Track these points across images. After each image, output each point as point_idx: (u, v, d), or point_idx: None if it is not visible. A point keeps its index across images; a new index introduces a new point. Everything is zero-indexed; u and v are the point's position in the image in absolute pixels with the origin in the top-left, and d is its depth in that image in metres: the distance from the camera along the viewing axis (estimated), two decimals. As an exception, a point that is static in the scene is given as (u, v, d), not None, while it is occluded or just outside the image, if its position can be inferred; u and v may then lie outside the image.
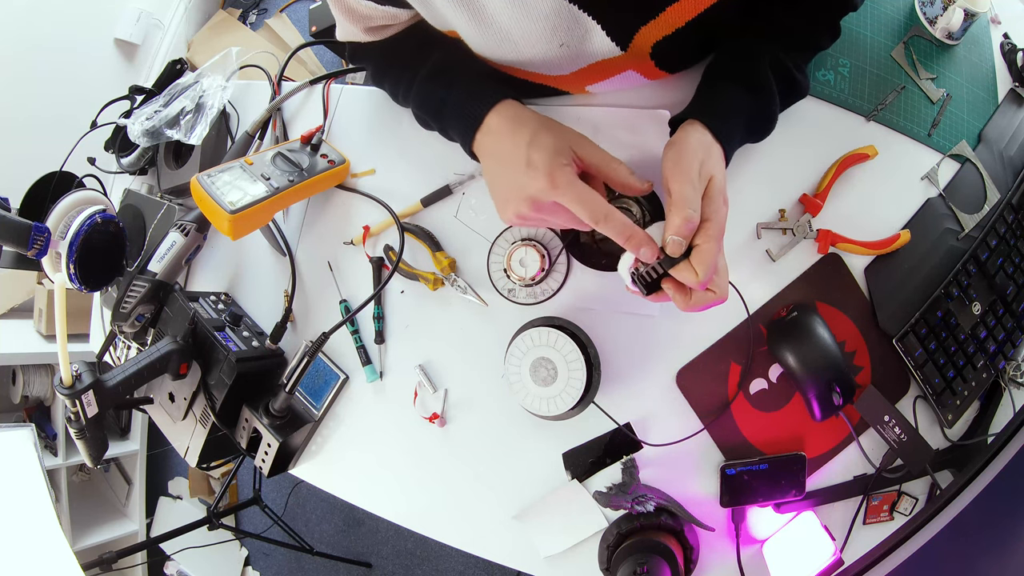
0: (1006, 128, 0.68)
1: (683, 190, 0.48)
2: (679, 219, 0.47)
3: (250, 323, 0.80)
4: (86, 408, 0.65)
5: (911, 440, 0.58)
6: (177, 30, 2.14)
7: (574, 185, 0.49)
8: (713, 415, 0.63)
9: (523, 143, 0.51)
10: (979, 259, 0.63)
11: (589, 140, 0.52)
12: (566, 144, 0.51)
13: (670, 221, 0.48)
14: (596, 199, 0.49)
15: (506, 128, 0.53)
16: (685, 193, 0.48)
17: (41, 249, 0.70)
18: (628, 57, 0.55)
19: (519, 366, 0.63)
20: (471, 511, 0.70)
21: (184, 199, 0.88)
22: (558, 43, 0.53)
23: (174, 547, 1.73)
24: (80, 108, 1.05)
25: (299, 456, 0.77)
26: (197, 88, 0.85)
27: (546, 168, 0.49)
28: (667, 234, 0.48)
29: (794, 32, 0.56)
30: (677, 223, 0.47)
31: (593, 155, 0.52)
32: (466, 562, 1.68)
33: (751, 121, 0.56)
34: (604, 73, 0.59)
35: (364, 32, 0.60)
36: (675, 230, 0.47)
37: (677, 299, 0.50)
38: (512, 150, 0.51)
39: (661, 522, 0.60)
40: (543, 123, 0.53)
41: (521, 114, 0.54)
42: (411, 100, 0.63)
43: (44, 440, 1.77)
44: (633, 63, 0.58)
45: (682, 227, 0.47)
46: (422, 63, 0.61)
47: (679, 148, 0.51)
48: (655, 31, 0.51)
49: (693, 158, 0.49)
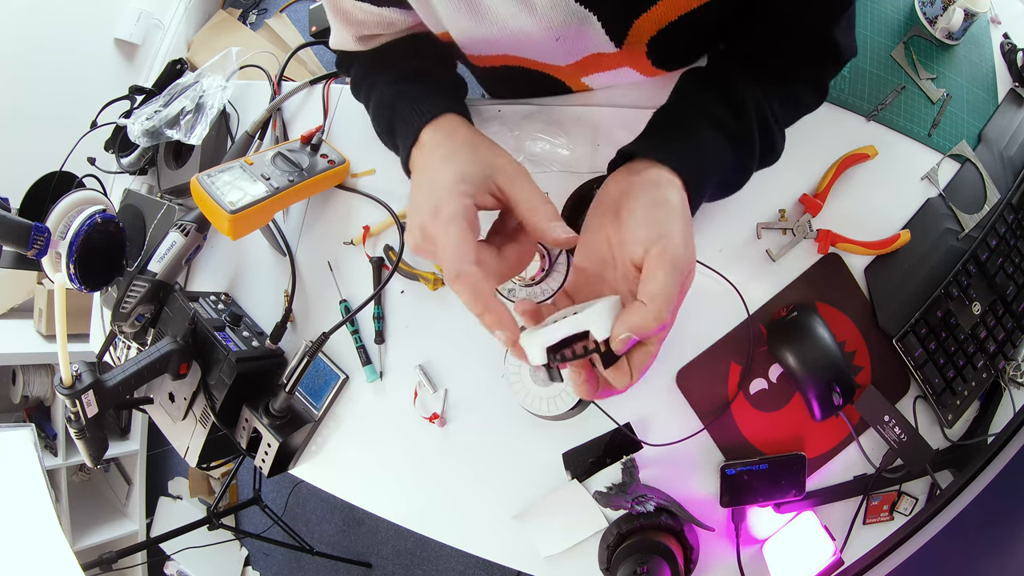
0: (1006, 128, 0.68)
1: (669, 283, 0.38)
2: (651, 318, 0.37)
3: (250, 323, 0.80)
4: (86, 408, 0.65)
5: (911, 440, 0.58)
6: (177, 30, 2.14)
7: (453, 223, 0.41)
8: (713, 415, 0.63)
9: (439, 159, 0.46)
10: (979, 259, 0.63)
11: (523, 174, 0.44)
12: (484, 172, 0.44)
13: (637, 313, 0.37)
14: (460, 251, 0.40)
15: (435, 142, 0.48)
16: (670, 287, 0.38)
17: (41, 249, 0.70)
18: (624, 54, 0.55)
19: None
20: (471, 511, 0.70)
21: (184, 199, 0.88)
22: (554, 36, 0.53)
23: (174, 547, 1.73)
24: (80, 108, 1.05)
25: (299, 456, 0.77)
26: (197, 88, 0.85)
27: (441, 192, 0.42)
28: (622, 327, 0.37)
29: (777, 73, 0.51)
30: (647, 321, 0.37)
31: (518, 191, 0.44)
32: (466, 562, 1.68)
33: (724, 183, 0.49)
34: (600, 66, 0.59)
35: (355, 41, 0.59)
36: (639, 328, 0.37)
37: (580, 388, 0.41)
38: (427, 167, 0.47)
39: (661, 522, 0.60)
40: (473, 142, 0.47)
41: (457, 130, 0.48)
42: (370, 111, 0.60)
43: (44, 440, 1.77)
44: (629, 59, 0.57)
45: (649, 328, 0.37)
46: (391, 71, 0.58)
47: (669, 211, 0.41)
48: (649, 24, 0.51)
49: (686, 234, 0.40)
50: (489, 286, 0.40)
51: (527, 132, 0.68)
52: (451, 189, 0.42)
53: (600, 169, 0.65)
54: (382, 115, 0.57)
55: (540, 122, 0.68)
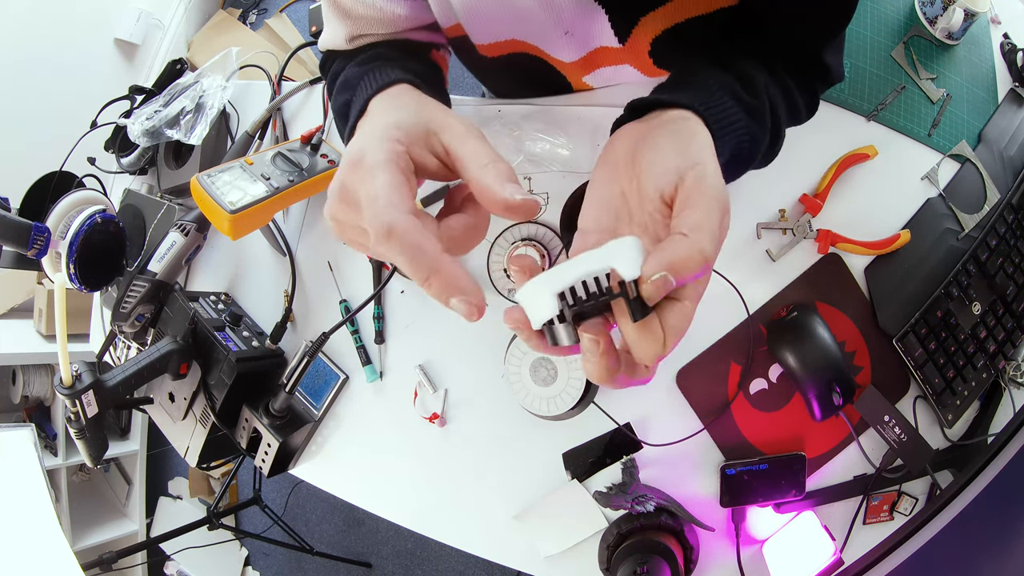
0: (1006, 128, 0.68)
1: (711, 214, 0.31)
2: (696, 251, 0.29)
3: (250, 323, 0.80)
4: (86, 408, 0.65)
5: (911, 440, 0.58)
6: (177, 30, 2.14)
7: (380, 168, 0.32)
8: (713, 415, 0.63)
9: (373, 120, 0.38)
10: (979, 259, 0.63)
11: (476, 134, 0.36)
12: (425, 124, 0.35)
13: (677, 245, 0.30)
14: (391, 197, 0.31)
15: (381, 107, 0.40)
16: (712, 219, 0.31)
17: (41, 249, 0.70)
18: (627, 51, 0.55)
19: (519, 366, 0.63)
20: (471, 511, 0.70)
21: (184, 199, 0.88)
22: (563, 31, 0.53)
23: (174, 547, 1.73)
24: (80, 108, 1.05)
25: (299, 456, 0.77)
26: (197, 88, 0.85)
27: (368, 140, 0.34)
28: (656, 264, 0.29)
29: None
30: (691, 255, 0.29)
31: (468, 148, 0.35)
32: (466, 562, 1.68)
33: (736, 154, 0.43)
34: (603, 62, 0.59)
35: (348, 41, 0.56)
36: (679, 264, 0.29)
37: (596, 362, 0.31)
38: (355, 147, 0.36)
39: (661, 522, 0.60)
40: (422, 100, 0.39)
41: (408, 92, 0.41)
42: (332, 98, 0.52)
43: (44, 440, 1.77)
44: (631, 57, 0.57)
45: (693, 265, 0.29)
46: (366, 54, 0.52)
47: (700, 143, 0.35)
48: (655, 23, 0.51)
49: (720, 171, 0.34)
50: (432, 242, 0.31)
51: (527, 132, 0.68)
52: (380, 135, 0.34)
53: (600, 169, 0.65)
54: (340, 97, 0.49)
55: (540, 122, 0.68)
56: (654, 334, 0.30)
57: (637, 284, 0.29)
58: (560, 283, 0.30)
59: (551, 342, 0.32)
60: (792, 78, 0.48)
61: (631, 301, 0.29)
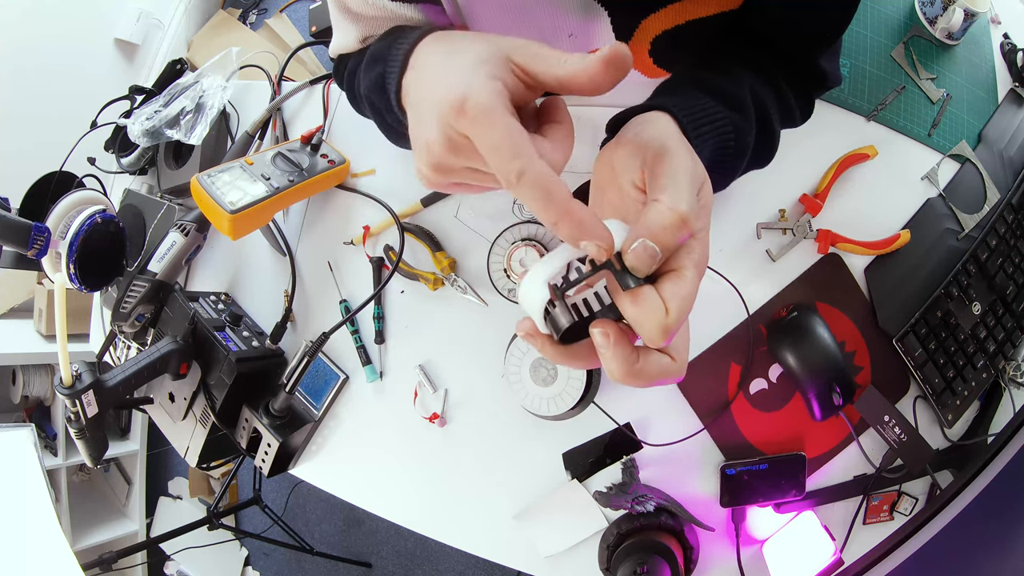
0: (1006, 128, 0.68)
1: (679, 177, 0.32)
2: (669, 213, 0.29)
3: (250, 323, 0.80)
4: (86, 408, 0.65)
5: (911, 440, 0.58)
6: (177, 30, 2.14)
7: (495, 111, 0.30)
8: (713, 415, 0.63)
9: (440, 60, 0.37)
10: (979, 259, 0.63)
11: (537, 43, 0.34)
12: (499, 52, 0.33)
13: (651, 214, 0.30)
14: (517, 141, 0.30)
15: (428, 52, 0.38)
16: (681, 181, 0.31)
17: (41, 249, 0.70)
18: None
19: (519, 366, 0.63)
20: (471, 511, 0.70)
21: (184, 199, 0.88)
22: (568, 33, 0.53)
23: (174, 547, 1.73)
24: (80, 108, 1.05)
25: (299, 456, 0.77)
26: (197, 88, 0.85)
27: (460, 83, 0.31)
28: (635, 236, 0.29)
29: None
30: (663, 216, 0.29)
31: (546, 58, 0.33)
32: (466, 562, 1.68)
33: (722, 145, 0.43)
34: None
35: (360, 43, 0.56)
36: (656, 227, 0.29)
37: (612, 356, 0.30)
38: (431, 76, 0.36)
39: (661, 522, 0.60)
40: (474, 33, 0.38)
41: (452, 34, 0.39)
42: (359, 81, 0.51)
43: (44, 440, 1.77)
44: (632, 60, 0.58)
45: (671, 227, 0.29)
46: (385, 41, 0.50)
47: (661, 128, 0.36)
48: (656, 24, 0.51)
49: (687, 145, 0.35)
50: (561, 186, 0.30)
51: (527, 132, 0.68)
52: (472, 74, 0.32)
53: (600, 169, 0.65)
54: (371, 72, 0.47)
55: (540, 122, 0.68)
56: (651, 303, 0.29)
57: (622, 259, 0.29)
58: (548, 271, 0.31)
59: (553, 330, 0.31)
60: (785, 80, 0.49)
61: (618, 272, 0.29)
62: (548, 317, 0.31)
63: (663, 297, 0.29)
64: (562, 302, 0.31)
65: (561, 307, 0.31)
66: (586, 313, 0.31)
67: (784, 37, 0.48)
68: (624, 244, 0.29)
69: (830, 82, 0.51)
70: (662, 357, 0.31)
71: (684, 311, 0.29)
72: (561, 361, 0.33)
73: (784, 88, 0.49)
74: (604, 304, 0.31)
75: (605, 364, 0.31)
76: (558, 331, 0.31)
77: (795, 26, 0.47)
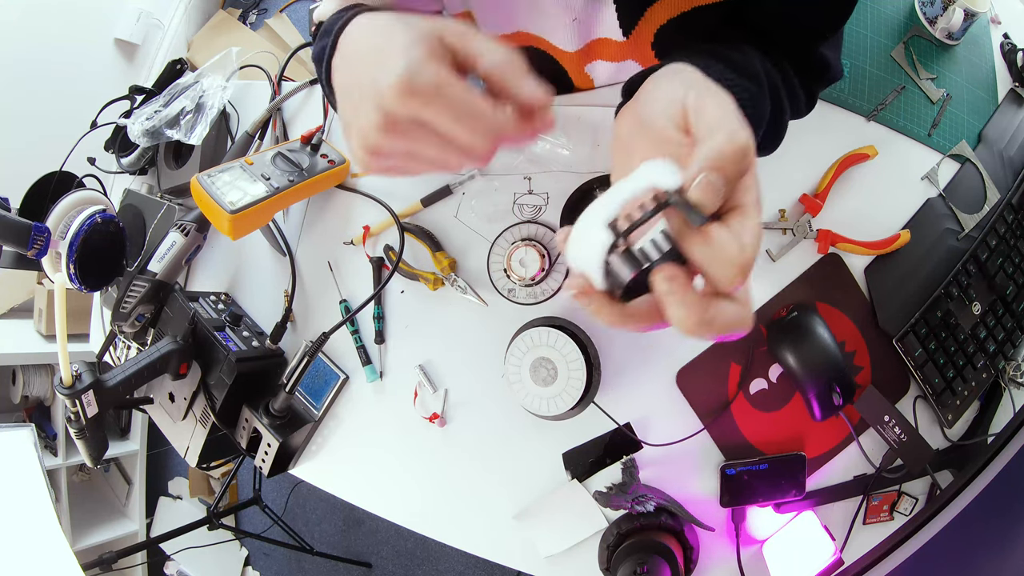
0: (1006, 128, 0.68)
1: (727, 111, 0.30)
2: (729, 142, 0.28)
3: (250, 323, 0.80)
4: (86, 408, 0.65)
5: (911, 440, 0.58)
6: (177, 30, 2.13)
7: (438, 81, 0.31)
8: (713, 415, 0.63)
9: (372, 45, 0.36)
10: (979, 259, 0.63)
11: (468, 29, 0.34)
12: (431, 31, 0.33)
13: (711, 145, 0.28)
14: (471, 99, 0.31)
15: (360, 38, 0.38)
16: (730, 115, 0.30)
17: (41, 249, 0.70)
18: (629, 44, 0.55)
19: (519, 366, 0.63)
20: (471, 511, 0.70)
21: (184, 199, 0.88)
22: (572, 17, 0.53)
23: (174, 547, 1.73)
24: (80, 108, 1.05)
25: (299, 456, 0.77)
26: (197, 88, 0.85)
27: (398, 65, 0.31)
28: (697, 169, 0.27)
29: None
30: (726, 147, 0.28)
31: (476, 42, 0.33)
32: (466, 562, 1.68)
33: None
34: (604, 54, 0.59)
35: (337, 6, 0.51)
36: (719, 160, 0.27)
37: (682, 302, 0.27)
38: (359, 58, 0.37)
39: (661, 522, 0.60)
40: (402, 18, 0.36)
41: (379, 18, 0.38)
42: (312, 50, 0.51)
43: (44, 440, 1.77)
44: (633, 51, 0.57)
45: (733, 156, 0.28)
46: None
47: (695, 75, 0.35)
48: (661, 12, 0.51)
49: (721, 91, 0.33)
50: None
51: (527, 132, 0.68)
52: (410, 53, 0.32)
53: (600, 169, 0.65)
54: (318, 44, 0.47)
55: (540, 122, 0.68)
56: (724, 240, 0.27)
57: (683, 196, 0.27)
58: (606, 213, 0.28)
59: (614, 284, 0.28)
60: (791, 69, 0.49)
61: (685, 207, 0.27)
62: (608, 269, 0.28)
63: (734, 233, 0.28)
64: (625, 249, 0.27)
65: (623, 255, 0.27)
66: (645, 264, 0.27)
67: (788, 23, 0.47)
68: (686, 179, 0.27)
69: (832, 73, 0.50)
70: (730, 303, 0.29)
71: (756, 247, 0.28)
72: (619, 323, 0.30)
73: (790, 72, 0.48)
74: (662, 252, 0.27)
75: (673, 314, 0.27)
76: (619, 284, 0.27)
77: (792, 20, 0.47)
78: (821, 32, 0.48)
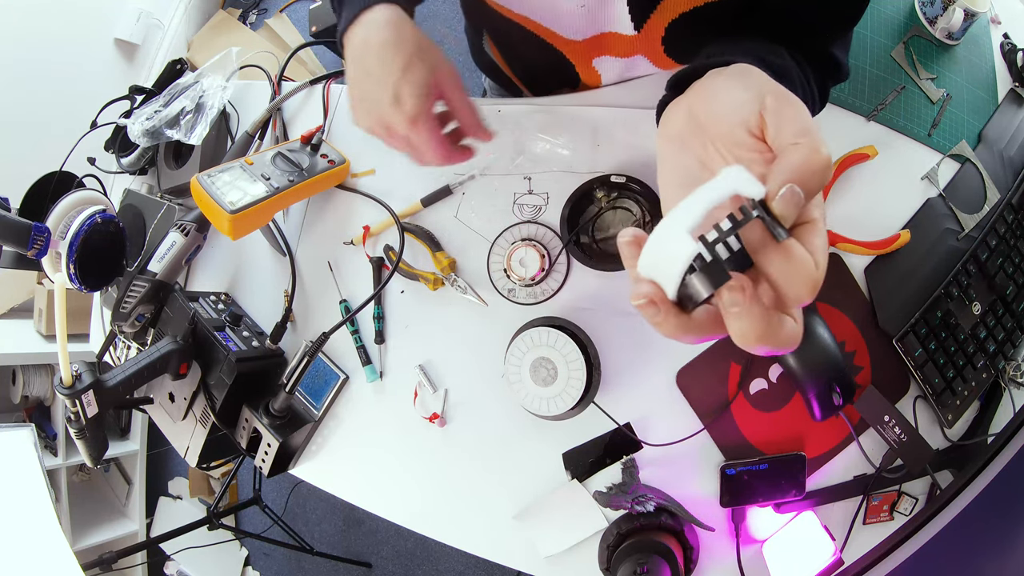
0: (1006, 128, 0.68)
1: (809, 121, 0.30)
2: (815, 155, 0.27)
3: (250, 323, 0.80)
4: (86, 408, 0.65)
5: (911, 440, 0.58)
6: (177, 30, 2.13)
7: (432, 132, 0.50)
8: (713, 415, 0.63)
9: (397, 68, 0.49)
10: (979, 259, 0.63)
11: (457, 79, 0.52)
12: (435, 82, 0.50)
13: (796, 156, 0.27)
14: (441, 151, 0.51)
15: (382, 38, 0.50)
16: (813, 125, 0.29)
17: (41, 249, 0.70)
18: (640, 39, 0.55)
19: (519, 366, 0.63)
20: (471, 511, 0.70)
21: (184, 199, 0.88)
22: (580, 3, 0.53)
23: (174, 547, 1.73)
24: (80, 108, 1.04)
25: (299, 456, 0.77)
26: (197, 88, 0.85)
27: (412, 110, 0.49)
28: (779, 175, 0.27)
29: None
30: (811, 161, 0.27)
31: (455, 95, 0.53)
32: (466, 562, 1.68)
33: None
34: (614, 49, 0.59)
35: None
36: (804, 173, 0.27)
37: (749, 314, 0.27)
38: (382, 71, 0.49)
39: (661, 522, 0.60)
40: (420, 46, 0.50)
41: (403, 28, 0.50)
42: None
43: (44, 440, 1.77)
44: (644, 46, 0.57)
45: (819, 170, 0.27)
46: None
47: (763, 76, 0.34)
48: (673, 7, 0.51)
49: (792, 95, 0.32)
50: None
51: (527, 132, 0.68)
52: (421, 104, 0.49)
53: (600, 169, 0.65)
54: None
55: (540, 122, 0.68)
56: (802, 256, 0.27)
57: (766, 207, 0.26)
58: (691, 219, 0.26)
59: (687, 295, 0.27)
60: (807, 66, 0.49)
61: (771, 220, 0.26)
62: (686, 280, 0.27)
63: (809, 249, 0.27)
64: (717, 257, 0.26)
65: (708, 267, 0.26)
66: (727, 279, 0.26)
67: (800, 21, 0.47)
68: (771, 190, 0.26)
69: (842, 73, 0.50)
70: (789, 319, 0.28)
71: (826, 264, 0.28)
72: (682, 334, 0.29)
73: (807, 69, 0.48)
74: (742, 265, 0.27)
75: (737, 326, 0.27)
76: (698, 296, 0.27)
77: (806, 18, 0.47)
78: (833, 31, 0.48)
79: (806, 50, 0.47)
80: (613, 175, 0.63)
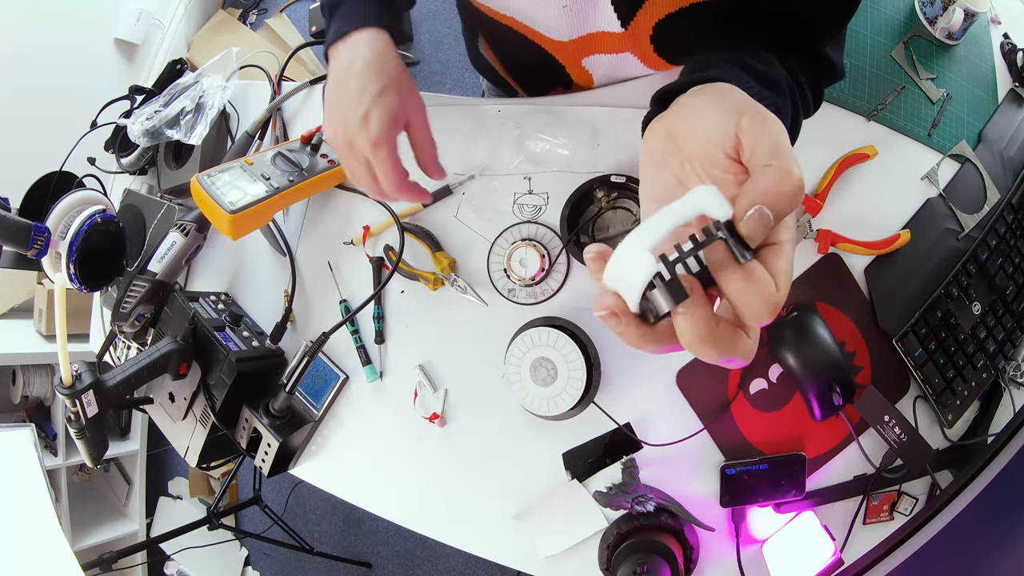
0: (1006, 128, 0.68)
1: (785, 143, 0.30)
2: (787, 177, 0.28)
3: (250, 323, 0.80)
4: (86, 408, 0.65)
5: (911, 440, 0.58)
6: (177, 30, 2.13)
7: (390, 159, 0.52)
8: (713, 415, 0.63)
9: (372, 92, 0.52)
10: (979, 259, 0.63)
11: (424, 116, 0.56)
12: (404, 114, 0.53)
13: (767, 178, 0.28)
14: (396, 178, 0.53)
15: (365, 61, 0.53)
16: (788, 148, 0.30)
17: (41, 249, 0.70)
18: (627, 36, 0.55)
19: (519, 366, 0.63)
20: (471, 511, 0.70)
21: (184, 199, 0.88)
22: (561, 4, 0.53)
23: (174, 547, 1.73)
24: (80, 108, 1.04)
25: (299, 456, 0.77)
26: (197, 88, 0.85)
27: (377, 133, 0.52)
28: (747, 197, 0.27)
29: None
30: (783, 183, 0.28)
31: (420, 131, 0.56)
32: (466, 562, 1.68)
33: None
34: (602, 47, 0.59)
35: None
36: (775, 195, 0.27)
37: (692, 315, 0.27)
38: (358, 91, 0.52)
39: (661, 522, 0.60)
40: (398, 78, 0.53)
41: (386, 55, 0.53)
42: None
43: (44, 440, 1.77)
44: (631, 43, 0.57)
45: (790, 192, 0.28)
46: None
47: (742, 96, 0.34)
48: (659, 6, 0.50)
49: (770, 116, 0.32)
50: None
51: (527, 132, 0.68)
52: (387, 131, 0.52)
53: (600, 169, 0.65)
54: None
55: (540, 122, 0.68)
56: (762, 279, 0.27)
57: (732, 228, 0.27)
58: (654, 237, 0.27)
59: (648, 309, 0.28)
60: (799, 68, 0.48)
61: (732, 242, 0.26)
62: (647, 296, 0.27)
63: (772, 271, 0.27)
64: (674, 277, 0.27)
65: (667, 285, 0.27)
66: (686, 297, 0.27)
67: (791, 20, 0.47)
68: (738, 210, 0.27)
69: (836, 73, 0.50)
70: (744, 335, 0.28)
71: (788, 287, 0.28)
72: (644, 344, 0.30)
73: (799, 75, 0.48)
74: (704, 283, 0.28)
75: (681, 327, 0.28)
76: (658, 311, 0.27)
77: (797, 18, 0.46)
78: (825, 30, 0.48)
79: (798, 52, 0.47)
80: (613, 175, 0.63)
